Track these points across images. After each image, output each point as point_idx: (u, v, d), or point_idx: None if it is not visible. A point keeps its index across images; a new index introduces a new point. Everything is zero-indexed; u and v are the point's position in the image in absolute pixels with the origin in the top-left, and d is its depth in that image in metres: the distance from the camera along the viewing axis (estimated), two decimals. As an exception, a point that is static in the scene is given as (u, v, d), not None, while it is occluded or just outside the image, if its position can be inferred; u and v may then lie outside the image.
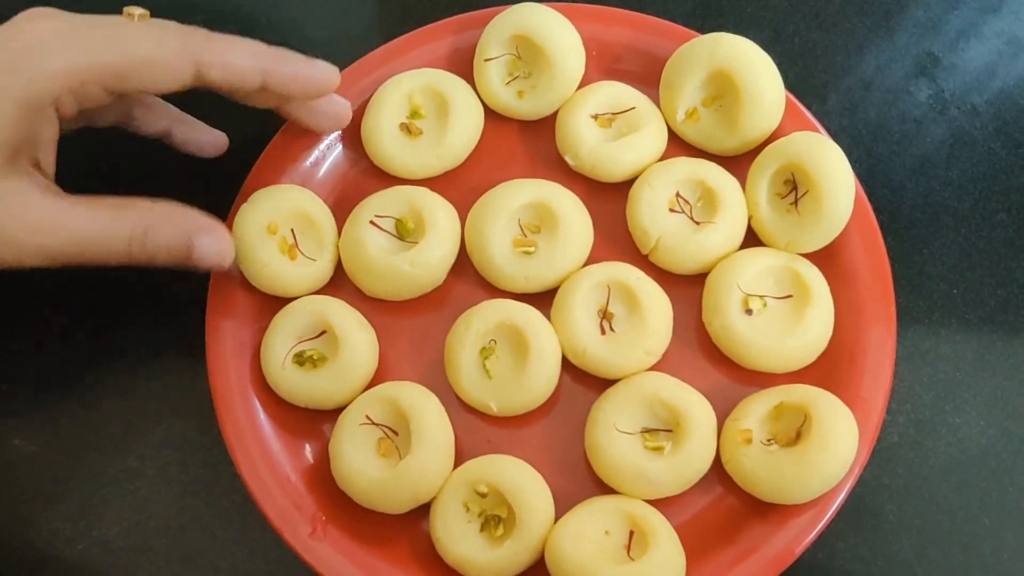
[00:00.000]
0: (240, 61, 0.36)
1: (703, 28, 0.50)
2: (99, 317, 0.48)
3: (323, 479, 0.43)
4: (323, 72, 0.39)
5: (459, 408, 0.44)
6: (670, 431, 0.42)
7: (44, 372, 0.47)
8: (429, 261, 0.44)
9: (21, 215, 0.34)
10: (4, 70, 0.33)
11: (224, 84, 0.36)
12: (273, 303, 0.45)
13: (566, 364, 0.44)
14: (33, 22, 0.34)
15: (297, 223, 0.45)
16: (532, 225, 0.45)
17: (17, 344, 0.47)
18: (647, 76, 0.49)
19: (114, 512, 0.45)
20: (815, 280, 0.44)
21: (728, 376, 0.45)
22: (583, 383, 0.44)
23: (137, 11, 0.38)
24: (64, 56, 0.33)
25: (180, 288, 0.45)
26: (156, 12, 0.57)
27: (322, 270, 0.45)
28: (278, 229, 0.45)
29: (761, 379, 0.44)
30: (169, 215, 0.36)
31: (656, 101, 0.49)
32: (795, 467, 0.39)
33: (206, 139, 0.46)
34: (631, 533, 0.40)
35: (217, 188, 0.45)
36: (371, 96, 0.48)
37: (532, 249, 0.45)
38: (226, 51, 0.36)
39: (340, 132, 0.48)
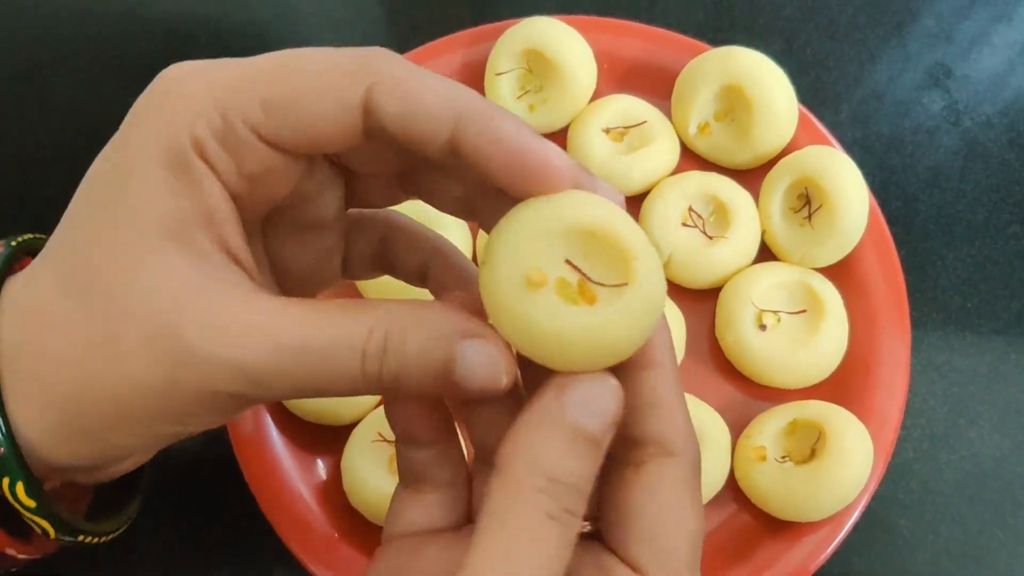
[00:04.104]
0: (427, 95, 0.22)
1: (715, 40, 0.49)
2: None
3: (335, 495, 0.43)
4: (550, 156, 0.22)
5: (472, 424, 0.44)
6: (684, 447, 0.42)
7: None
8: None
9: (205, 315, 0.21)
10: (137, 123, 0.23)
11: (400, 127, 0.22)
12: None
13: (579, 379, 0.44)
14: (178, 66, 0.24)
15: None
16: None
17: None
18: (659, 89, 0.49)
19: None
20: (829, 295, 0.44)
21: (741, 391, 0.44)
22: (596, 398, 0.44)
23: None
24: (196, 87, 0.22)
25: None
26: (161, 25, 0.58)
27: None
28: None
29: (775, 394, 0.44)
30: (420, 315, 0.22)
31: (668, 114, 0.48)
32: (810, 485, 0.39)
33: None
34: None
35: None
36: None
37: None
38: (410, 78, 0.22)
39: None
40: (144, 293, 0.22)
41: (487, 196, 0.25)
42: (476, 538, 0.21)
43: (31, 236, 0.27)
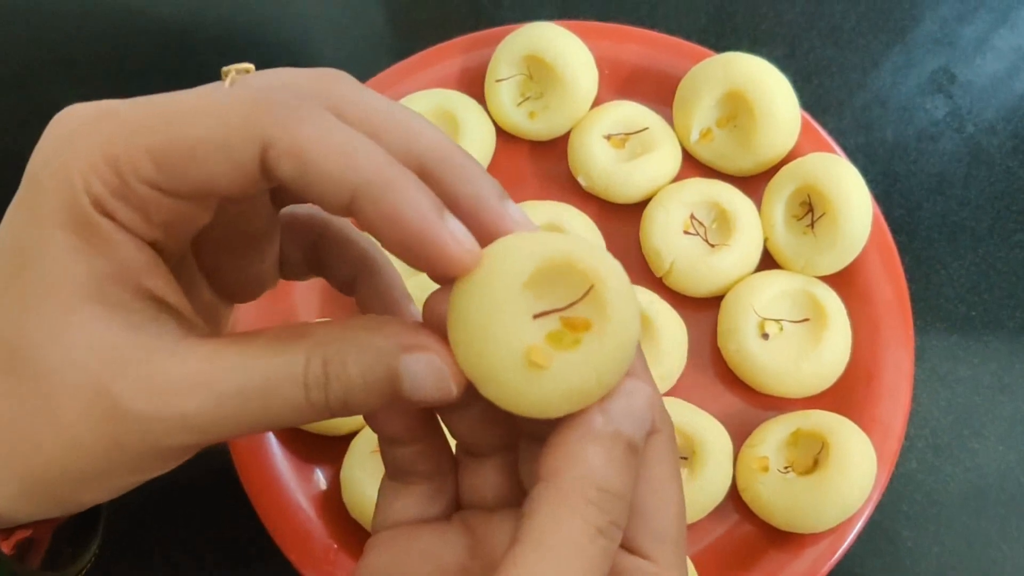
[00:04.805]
0: (326, 161, 0.20)
1: (717, 45, 0.49)
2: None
3: (334, 506, 0.42)
4: (453, 241, 0.21)
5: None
6: (685, 458, 0.41)
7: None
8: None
9: (138, 374, 0.21)
10: (35, 187, 0.22)
11: (298, 189, 0.21)
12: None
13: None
14: (69, 114, 0.23)
15: None
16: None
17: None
18: (660, 95, 0.49)
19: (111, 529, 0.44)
20: (832, 303, 0.43)
21: (744, 400, 0.44)
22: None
23: (236, 68, 0.25)
24: (87, 141, 0.21)
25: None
26: (162, 33, 0.57)
27: None
28: None
29: (777, 403, 0.43)
30: (356, 336, 0.22)
31: (669, 120, 0.48)
32: (812, 496, 0.39)
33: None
34: None
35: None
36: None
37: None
38: (308, 138, 0.21)
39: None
40: (73, 364, 0.21)
41: None
42: (518, 547, 0.20)
43: None
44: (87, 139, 0.21)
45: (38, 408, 0.22)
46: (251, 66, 0.24)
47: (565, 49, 0.47)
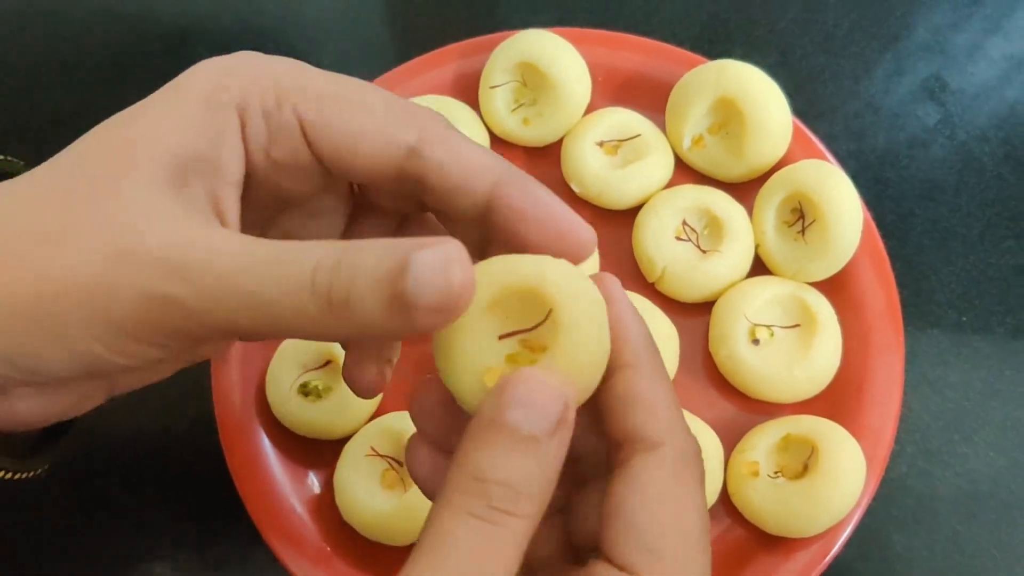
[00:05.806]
0: (472, 155, 0.24)
1: (710, 52, 0.49)
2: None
3: (328, 510, 0.42)
4: (579, 227, 0.24)
5: (464, 438, 0.44)
6: (676, 463, 0.42)
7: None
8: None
9: (161, 227, 0.22)
10: (199, 71, 0.25)
11: (443, 176, 0.24)
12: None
13: (572, 394, 0.44)
14: (244, 53, 0.26)
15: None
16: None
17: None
18: (653, 102, 0.49)
19: (108, 534, 0.44)
20: (823, 309, 0.44)
21: (735, 406, 0.44)
22: (589, 413, 0.44)
23: None
24: (256, 63, 0.24)
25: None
26: (164, 38, 0.58)
27: None
28: None
29: (768, 409, 0.44)
30: (379, 240, 0.22)
31: (662, 127, 0.48)
32: (802, 501, 0.39)
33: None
34: None
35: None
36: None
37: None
38: (455, 137, 0.25)
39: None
40: (112, 205, 0.22)
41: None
42: (412, 552, 0.21)
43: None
44: (268, 67, 0.24)
45: (51, 231, 0.22)
46: None
47: (559, 57, 0.47)
